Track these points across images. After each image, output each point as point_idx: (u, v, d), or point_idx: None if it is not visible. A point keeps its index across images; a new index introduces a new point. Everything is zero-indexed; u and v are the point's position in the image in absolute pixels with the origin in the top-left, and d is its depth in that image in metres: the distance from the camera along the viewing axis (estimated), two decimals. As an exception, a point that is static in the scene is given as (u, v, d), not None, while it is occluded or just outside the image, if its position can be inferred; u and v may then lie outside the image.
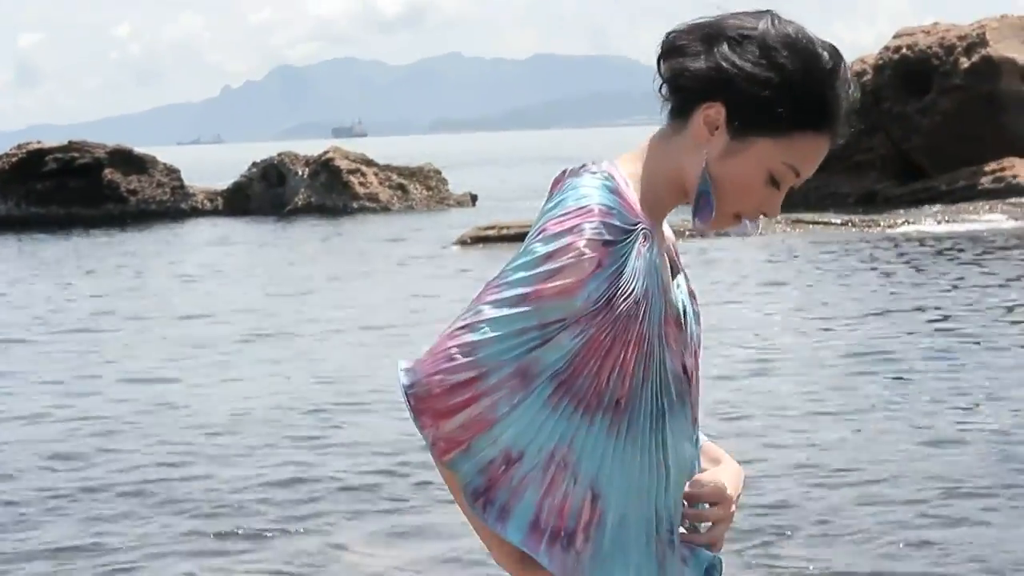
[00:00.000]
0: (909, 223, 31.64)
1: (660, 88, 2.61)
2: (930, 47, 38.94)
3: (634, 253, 2.48)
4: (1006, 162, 36.54)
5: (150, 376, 15.29)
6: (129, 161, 44.12)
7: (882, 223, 31.70)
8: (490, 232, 30.71)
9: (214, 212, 43.98)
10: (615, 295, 2.46)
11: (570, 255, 2.44)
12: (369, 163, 44.46)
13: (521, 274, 2.47)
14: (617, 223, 2.48)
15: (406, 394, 2.52)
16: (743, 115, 2.51)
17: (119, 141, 47.44)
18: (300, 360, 16.01)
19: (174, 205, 43.68)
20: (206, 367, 15.83)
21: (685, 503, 2.63)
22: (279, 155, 44.66)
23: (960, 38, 38.71)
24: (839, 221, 31.90)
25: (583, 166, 2.59)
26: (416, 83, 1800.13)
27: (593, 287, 2.44)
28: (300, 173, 43.66)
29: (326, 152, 44.13)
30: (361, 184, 43.10)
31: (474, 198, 47.45)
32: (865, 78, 39.32)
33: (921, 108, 38.23)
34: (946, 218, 32.50)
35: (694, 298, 2.75)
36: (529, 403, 2.47)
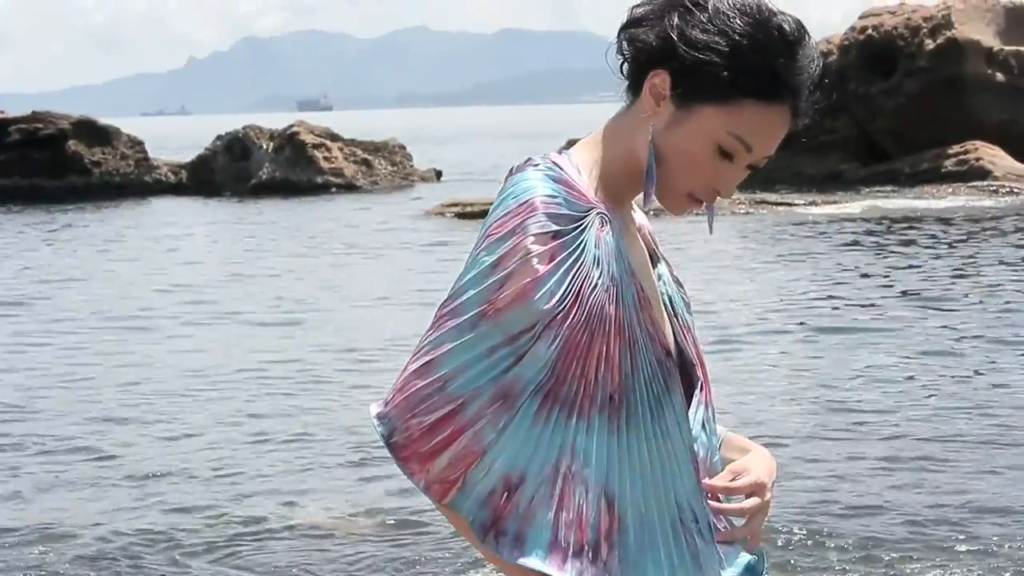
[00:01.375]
0: (871, 203, 31.68)
1: (621, 66, 2.48)
2: (896, 28, 38.92)
3: (592, 239, 2.34)
4: (969, 145, 36.55)
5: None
6: (93, 132, 43.70)
7: (844, 204, 31.74)
8: (454, 208, 30.66)
9: (178, 185, 43.64)
10: (581, 287, 2.31)
11: (517, 257, 2.30)
12: (334, 138, 44.14)
13: (472, 292, 2.33)
14: (565, 211, 2.33)
15: (387, 444, 2.39)
16: (686, 81, 2.37)
17: (84, 111, 47.06)
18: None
19: (138, 177, 43.26)
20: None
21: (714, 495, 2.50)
22: (244, 128, 44.29)
23: (926, 19, 38.69)
24: (803, 202, 31.94)
25: (527, 160, 2.44)
26: (383, 56, 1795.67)
27: (552, 284, 2.29)
28: (265, 147, 43.34)
29: (291, 126, 43.80)
30: (326, 159, 42.79)
31: (439, 174, 47.39)
32: (831, 59, 39.28)
33: (886, 90, 38.22)
34: (909, 199, 32.57)
35: (681, 285, 2.63)
36: (517, 423, 2.31)
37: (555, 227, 2.31)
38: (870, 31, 39.35)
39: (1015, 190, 33.83)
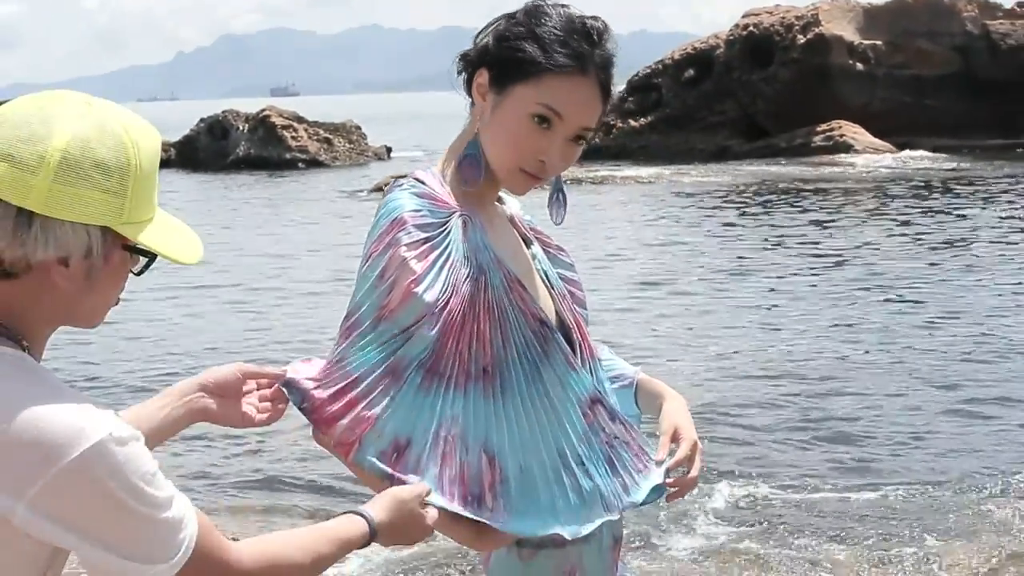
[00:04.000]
0: (754, 169, 31.86)
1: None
2: (773, 25, 39.18)
3: (458, 238, 2.36)
4: (835, 123, 37.15)
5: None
6: (94, 117, 43.33)
7: (729, 173, 31.90)
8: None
9: (167, 161, 43.25)
10: (456, 279, 2.33)
11: (396, 265, 2.32)
12: (300, 120, 43.77)
13: (367, 304, 2.35)
14: (430, 220, 2.35)
15: (300, 409, 2.40)
16: (500, 70, 2.38)
17: (87, 99, 46.62)
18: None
19: (133, 154, 42.97)
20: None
21: (630, 433, 2.53)
22: (223, 112, 43.87)
23: (798, 18, 39.05)
24: (696, 172, 32.08)
25: (395, 180, 2.47)
26: (342, 50, 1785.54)
27: (430, 278, 2.32)
28: (241, 128, 42.91)
29: (263, 110, 43.39)
30: (293, 138, 42.43)
31: (389, 150, 47.14)
32: (718, 51, 39.64)
33: (765, 77, 38.47)
34: (786, 168, 32.79)
35: (562, 250, 2.63)
36: (403, 394, 2.32)
37: (423, 235, 2.33)
38: (751, 28, 39.52)
39: (873, 160, 34.30)
